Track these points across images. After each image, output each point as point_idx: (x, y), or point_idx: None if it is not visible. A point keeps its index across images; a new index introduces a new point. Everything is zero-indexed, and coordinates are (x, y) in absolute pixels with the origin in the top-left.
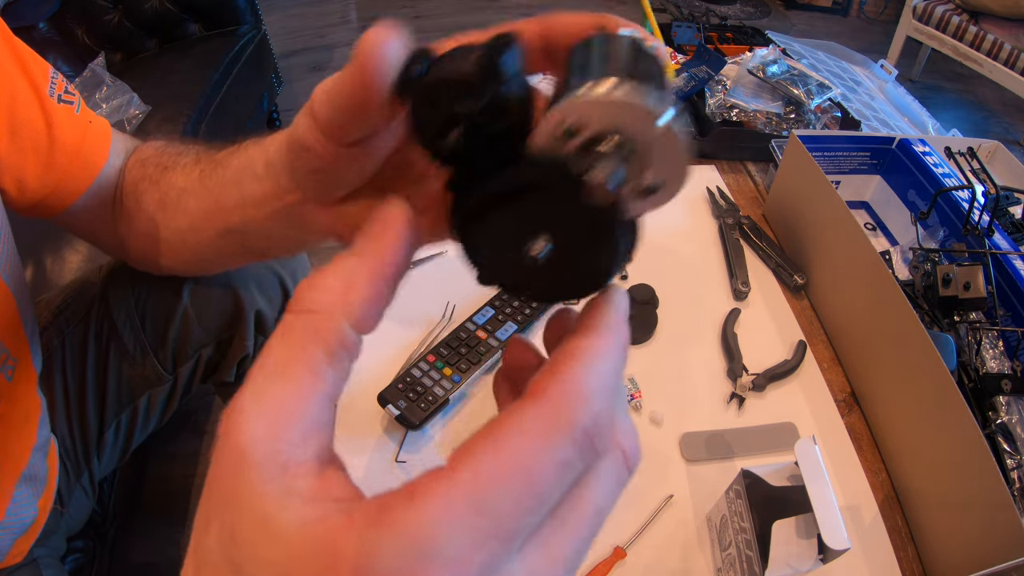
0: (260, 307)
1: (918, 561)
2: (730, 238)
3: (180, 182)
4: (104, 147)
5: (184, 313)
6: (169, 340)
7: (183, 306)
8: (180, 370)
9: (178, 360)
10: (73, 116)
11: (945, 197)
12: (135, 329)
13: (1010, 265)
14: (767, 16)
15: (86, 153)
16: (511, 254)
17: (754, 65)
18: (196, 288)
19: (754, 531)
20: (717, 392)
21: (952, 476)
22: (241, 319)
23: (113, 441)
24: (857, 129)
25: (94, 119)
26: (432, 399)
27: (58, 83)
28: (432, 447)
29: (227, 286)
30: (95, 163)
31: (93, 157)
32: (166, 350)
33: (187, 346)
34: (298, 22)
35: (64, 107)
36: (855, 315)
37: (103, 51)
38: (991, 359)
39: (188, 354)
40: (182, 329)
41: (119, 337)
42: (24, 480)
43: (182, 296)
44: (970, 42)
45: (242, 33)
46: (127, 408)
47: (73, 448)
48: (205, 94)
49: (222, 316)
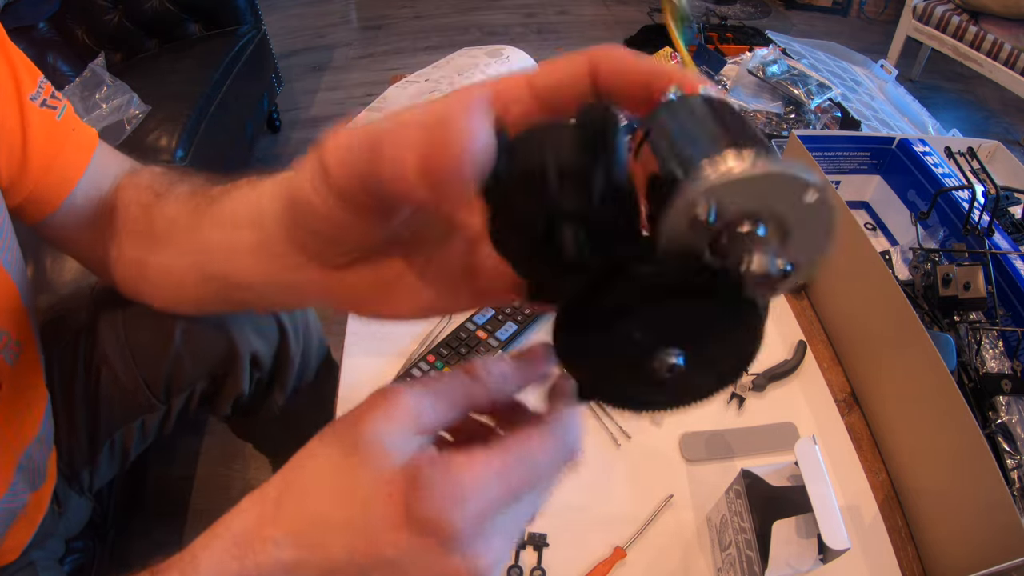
0: (256, 348)
1: (918, 561)
2: None
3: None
4: (83, 159)
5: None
6: (162, 376)
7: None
8: (174, 400)
9: (171, 392)
10: (53, 122)
11: (945, 197)
12: (127, 362)
13: (1010, 265)
14: (767, 16)
15: (63, 163)
16: (636, 367)
17: (754, 65)
18: (188, 328)
19: (754, 531)
20: None
21: (952, 476)
22: (236, 360)
23: (108, 456)
24: (857, 129)
25: (79, 128)
26: None
27: (45, 88)
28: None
29: (220, 327)
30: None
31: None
32: (159, 383)
33: (180, 381)
34: (298, 22)
35: (45, 111)
36: (855, 315)
37: (103, 51)
38: (991, 359)
39: (182, 387)
40: (174, 367)
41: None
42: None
43: (174, 337)
44: (970, 42)
45: (242, 33)
46: (119, 429)
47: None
48: (205, 94)
49: (216, 357)
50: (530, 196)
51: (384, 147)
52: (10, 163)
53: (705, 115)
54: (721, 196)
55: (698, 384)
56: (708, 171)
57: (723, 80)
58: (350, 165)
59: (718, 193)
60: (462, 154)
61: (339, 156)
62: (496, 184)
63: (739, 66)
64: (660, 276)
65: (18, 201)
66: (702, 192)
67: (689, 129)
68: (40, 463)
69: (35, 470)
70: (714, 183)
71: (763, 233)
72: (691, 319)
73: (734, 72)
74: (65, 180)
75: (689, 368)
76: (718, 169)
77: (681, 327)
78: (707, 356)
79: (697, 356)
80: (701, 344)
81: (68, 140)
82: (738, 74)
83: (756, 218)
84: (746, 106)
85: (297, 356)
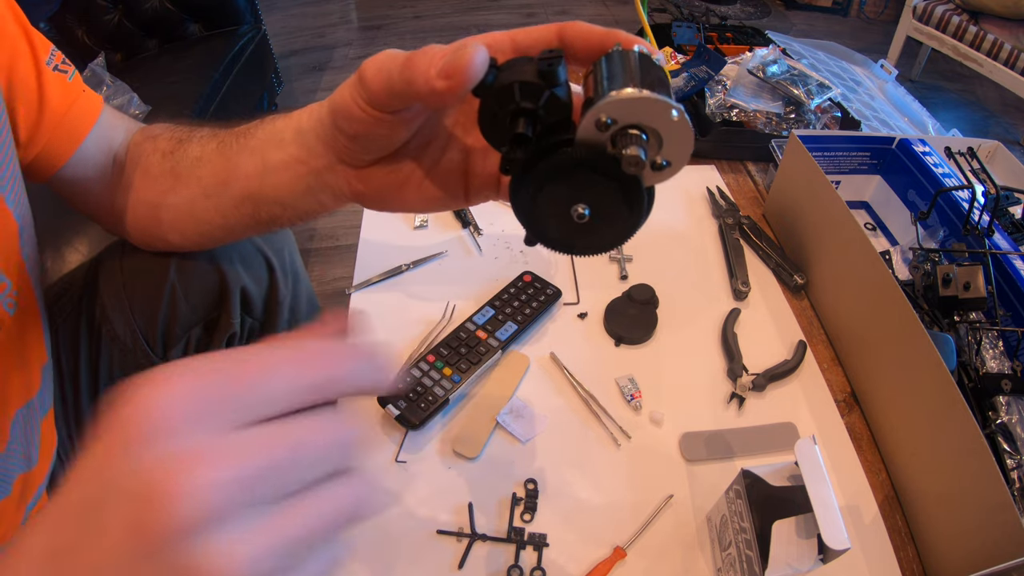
0: (245, 284)
1: (918, 561)
2: (730, 238)
3: (195, 152)
4: (92, 114)
5: (171, 289)
6: (158, 321)
7: (170, 282)
8: (170, 354)
9: (168, 342)
10: (65, 83)
11: (945, 197)
12: (124, 311)
13: (1010, 265)
14: (767, 16)
15: (73, 117)
16: (560, 217)
17: (754, 65)
18: (182, 264)
19: (754, 531)
20: (717, 392)
21: (952, 476)
22: (227, 296)
23: None
24: (857, 129)
25: (87, 90)
26: (432, 399)
27: (57, 55)
28: (432, 447)
29: (212, 261)
30: (82, 127)
31: (80, 121)
32: (155, 333)
33: (176, 326)
34: (298, 22)
35: (58, 75)
36: (855, 315)
37: (103, 51)
38: (991, 359)
39: (177, 335)
40: (170, 307)
41: (109, 321)
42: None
43: (169, 272)
44: (970, 42)
45: (242, 33)
46: None
47: (69, 440)
48: (205, 94)
49: (209, 293)
50: (503, 97)
51: (416, 58)
52: (28, 118)
53: (629, 63)
54: (613, 109)
55: (601, 235)
56: (612, 94)
57: (723, 80)
58: (384, 74)
59: (612, 107)
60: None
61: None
62: (485, 89)
63: (739, 66)
64: (577, 154)
65: (34, 154)
66: (603, 105)
67: (615, 71)
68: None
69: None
70: (610, 100)
71: (644, 137)
72: (595, 185)
73: (734, 72)
74: (76, 132)
75: (594, 220)
76: (619, 94)
77: (589, 190)
78: (606, 214)
79: (599, 212)
80: (602, 204)
81: (79, 98)
82: (738, 74)
83: (639, 127)
84: (746, 106)
85: (287, 301)
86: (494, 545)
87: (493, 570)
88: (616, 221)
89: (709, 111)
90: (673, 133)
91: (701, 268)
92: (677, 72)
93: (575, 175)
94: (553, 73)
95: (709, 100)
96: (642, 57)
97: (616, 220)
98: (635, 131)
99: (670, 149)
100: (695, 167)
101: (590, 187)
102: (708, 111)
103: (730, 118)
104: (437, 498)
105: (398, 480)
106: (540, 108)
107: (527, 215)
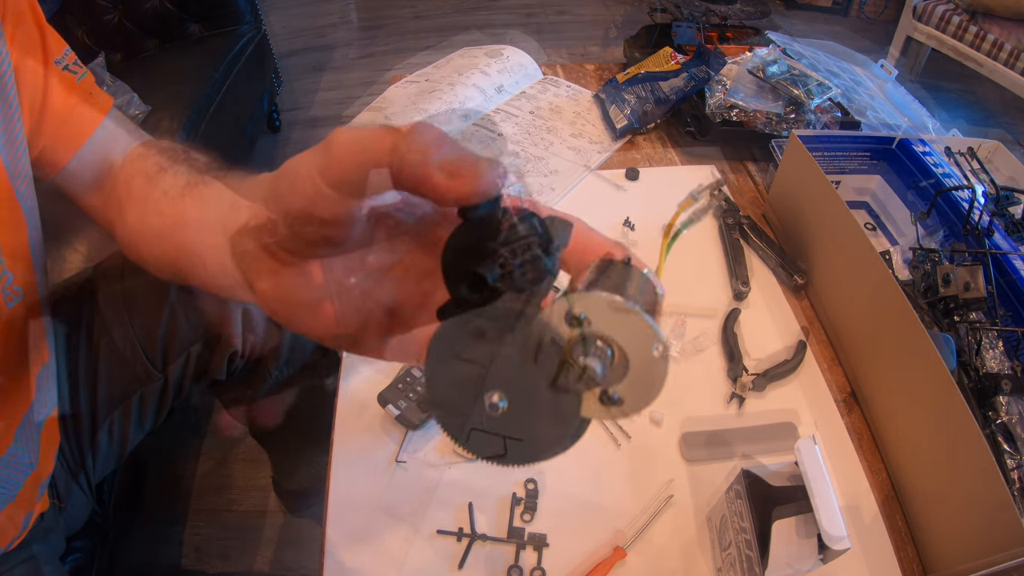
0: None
1: (918, 561)
2: (730, 238)
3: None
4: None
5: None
6: (158, 337)
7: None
8: (170, 368)
9: (168, 357)
10: (72, 84)
11: (945, 197)
12: (124, 325)
13: (1010, 265)
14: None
15: (77, 117)
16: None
17: (754, 65)
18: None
19: (754, 531)
20: (717, 392)
21: (952, 476)
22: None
23: (107, 442)
24: (857, 129)
25: (97, 93)
26: None
27: (70, 56)
28: (432, 447)
29: None
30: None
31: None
32: (155, 347)
33: (176, 342)
34: (298, 22)
35: (67, 74)
36: (855, 315)
37: (103, 51)
38: (991, 359)
39: (177, 351)
40: (170, 325)
41: (108, 334)
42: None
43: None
44: (970, 42)
45: (242, 33)
46: (119, 407)
47: (68, 447)
48: (205, 94)
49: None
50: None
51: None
52: (31, 114)
53: (633, 277)
54: (595, 308)
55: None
56: (602, 293)
57: (723, 80)
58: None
59: (595, 304)
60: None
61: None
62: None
63: (739, 66)
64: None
65: (37, 150)
66: (587, 297)
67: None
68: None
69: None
70: (598, 297)
71: (610, 354)
72: (526, 379)
73: (734, 72)
74: (78, 133)
75: (509, 416)
76: (611, 296)
77: (516, 381)
78: (524, 416)
79: (516, 413)
80: (524, 404)
81: (85, 100)
82: (738, 74)
83: (611, 342)
84: (746, 106)
85: None
86: (494, 545)
87: (493, 570)
88: (531, 433)
89: (709, 111)
90: (644, 370)
91: (701, 268)
92: (677, 72)
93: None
94: (550, 236)
95: (709, 100)
96: (647, 280)
97: (531, 432)
98: (603, 344)
99: (630, 388)
100: (695, 167)
101: (519, 378)
102: (708, 111)
103: (730, 118)
104: (437, 498)
105: (398, 480)
106: (525, 263)
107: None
